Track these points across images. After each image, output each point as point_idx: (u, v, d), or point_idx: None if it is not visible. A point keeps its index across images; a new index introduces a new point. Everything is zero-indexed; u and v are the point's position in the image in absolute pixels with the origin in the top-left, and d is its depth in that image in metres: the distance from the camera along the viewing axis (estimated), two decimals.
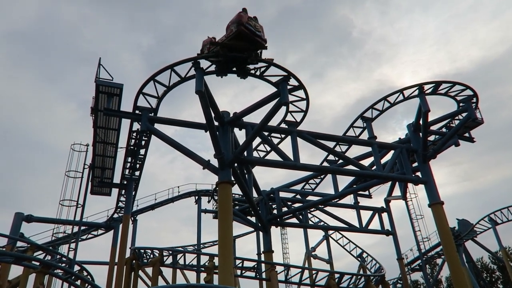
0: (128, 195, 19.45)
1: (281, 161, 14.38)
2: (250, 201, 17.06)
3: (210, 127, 12.83)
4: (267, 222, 19.68)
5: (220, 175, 13.20)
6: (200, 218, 30.09)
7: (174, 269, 21.09)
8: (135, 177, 19.17)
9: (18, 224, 20.05)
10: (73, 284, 14.73)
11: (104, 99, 14.38)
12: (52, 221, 20.97)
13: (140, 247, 20.91)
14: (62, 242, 21.53)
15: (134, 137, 16.17)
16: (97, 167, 18.24)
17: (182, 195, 29.32)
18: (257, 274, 19.95)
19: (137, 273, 20.83)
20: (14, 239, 17.76)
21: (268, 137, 16.22)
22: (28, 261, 13.85)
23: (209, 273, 17.25)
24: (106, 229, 24.01)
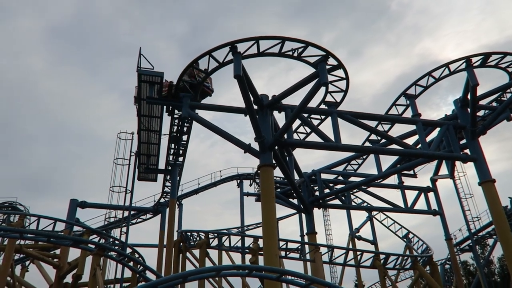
0: (173, 180, 20.08)
1: (322, 143, 14.24)
2: (291, 184, 17.09)
3: (250, 111, 12.89)
4: (309, 204, 19.67)
5: (261, 158, 13.28)
6: (242, 201, 30.64)
7: (219, 251, 21.74)
8: (179, 162, 19.73)
9: (74, 210, 21.37)
10: (126, 266, 15.58)
11: (146, 88, 14.81)
12: (103, 207, 22.19)
13: (187, 230, 21.65)
14: (114, 226, 22.72)
15: (176, 124, 16.58)
16: (142, 154, 18.94)
17: (224, 179, 29.90)
18: (301, 255, 20.12)
19: (185, 255, 21.64)
20: (71, 224, 18.91)
21: (308, 118, 16.07)
22: (84, 244, 14.77)
23: (254, 254, 17.60)
24: (154, 213, 25.04)
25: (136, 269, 16.49)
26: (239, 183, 31.28)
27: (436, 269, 21.53)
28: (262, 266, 10.70)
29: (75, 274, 16.75)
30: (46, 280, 19.37)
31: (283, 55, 13.41)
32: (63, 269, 18.70)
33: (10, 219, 19.86)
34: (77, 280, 16.99)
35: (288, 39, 12.76)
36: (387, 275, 21.70)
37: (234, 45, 12.57)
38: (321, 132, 14.52)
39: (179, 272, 19.30)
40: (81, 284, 17.87)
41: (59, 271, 18.71)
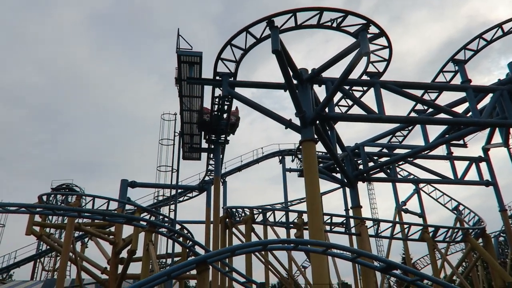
0: (216, 158, 20.47)
1: (365, 115, 13.87)
2: (334, 158, 16.90)
3: (290, 85, 12.75)
4: (353, 178, 19.43)
5: (303, 133, 13.19)
6: (285, 177, 30.78)
7: (264, 226, 22.14)
8: (221, 140, 20.02)
9: (125, 189, 22.45)
10: (176, 241, 16.27)
11: (186, 69, 15.01)
12: (152, 186, 23.13)
13: (232, 206, 22.14)
14: (163, 204, 23.74)
15: (217, 103, 16.76)
16: (186, 134, 19.40)
17: (266, 155, 30.08)
18: (346, 229, 20.06)
19: (231, 230, 22.23)
20: (123, 202, 19.91)
21: (349, 91, 15.68)
22: (137, 222, 15.54)
23: (299, 229, 17.76)
24: (199, 191, 25.80)
25: (186, 244, 17.17)
26: (281, 159, 31.38)
27: (489, 241, 20.72)
28: (308, 240, 10.79)
29: (129, 249, 17.75)
30: (104, 256, 20.69)
31: (321, 26, 13.05)
32: (119, 245, 19.86)
33: (68, 199, 21.19)
34: (131, 255, 18.00)
35: (327, 9, 12.38)
36: (437, 248, 21.19)
37: (271, 20, 12.37)
38: (364, 104, 14.13)
39: (226, 247, 19.91)
40: (136, 259, 18.93)
41: (115, 247, 19.89)
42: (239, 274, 14.34)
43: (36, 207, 14.27)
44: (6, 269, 25.68)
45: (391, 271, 9.63)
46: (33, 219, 16.69)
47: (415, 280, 9.31)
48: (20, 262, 26.10)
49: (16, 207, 13.13)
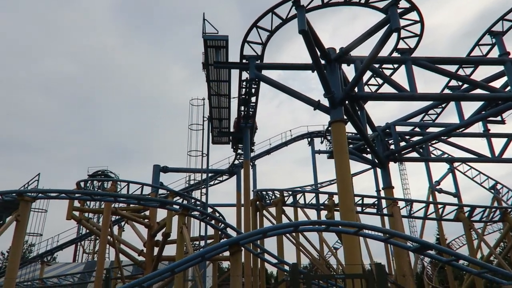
0: (245, 142, 20.56)
1: (397, 93, 13.50)
2: (365, 138, 16.63)
3: (317, 66, 12.54)
4: (384, 158, 19.09)
5: (332, 114, 13.01)
6: (314, 159, 30.64)
7: (295, 208, 22.21)
8: (249, 124, 20.07)
9: (157, 174, 23.04)
10: (209, 224, 16.61)
11: (213, 53, 15.03)
12: (183, 170, 23.60)
13: (262, 189, 22.30)
14: (194, 188, 24.19)
15: (244, 86, 16.76)
16: (214, 118, 19.56)
17: (295, 138, 29.93)
18: (378, 210, 19.84)
19: (262, 213, 22.46)
20: (156, 187, 20.46)
21: (379, 69, 15.28)
22: (170, 205, 15.95)
23: (329, 210, 17.72)
24: (229, 175, 26.11)
25: (218, 227, 17.52)
26: (310, 141, 31.19)
27: None
28: (340, 221, 10.77)
29: (164, 232, 18.30)
30: (140, 238, 21.44)
31: (349, 3, 12.71)
32: (153, 228, 20.52)
33: (104, 185, 21.99)
34: (166, 237, 18.56)
35: None
36: (473, 228, 20.65)
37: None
38: (395, 82, 13.76)
39: (258, 229, 20.18)
40: (170, 241, 19.52)
41: (150, 230, 20.56)
42: (271, 255, 14.57)
43: (75, 193, 14.89)
44: (50, 252, 27.09)
45: (425, 252, 9.50)
46: (72, 204, 17.47)
47: (450, 260, 9.16)
48: (62, 245, 27.46)
49: (56, 193, 13.76)
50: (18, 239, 13.01)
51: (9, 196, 13.93)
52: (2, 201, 14.58)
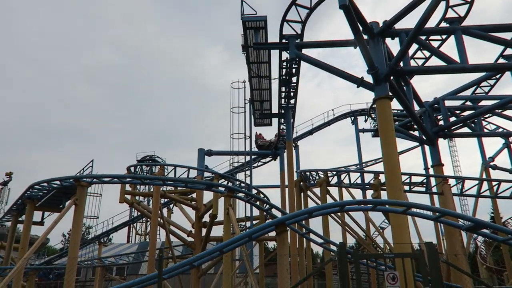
0: (287, 123, 20.48)
1: (446, 66, 12.82)
2: (411, 114, 16.00)
3: (360, 41, 12.12)
4: (433, 134, 18.31)
5: (376, 91, 12.60)
6: (358, 138, 30.05)
7: (339, 188, 21.99)
8: (291, 105, 19.94)
9: (202, 157, 23.60)
10: (254, 205, 16.87)
11: (252, 34, 14.95)
12: (227, 153, 24.00)
13: (306, 170, 22.23)
14: (239, 170, 24.58)
15: (285, 67, 16.59)
16: (256, 100, 19.60)
17: (338, 117, 29.45)
18: (427, 189, 19.21)
19: (306, 193, 22.45)
20: (201, 170, 20.98)
21: (426, 41, 14.53)
22: (215, 188, 16.33)
23: (376, 190, 17.40)
24: (272, 157, 26.22)
25: (263, 208, 17.74)
26: (353, 120, 30.57)
27: None
28: (387, 200, 10.54)
29: (211, 214, 18.83)
30: (188, 220, 22.22)
31: None
32: (200, 210, 21.15)
33: (152, 169, 22.86)
34: (213, 219, 19.10)
35: None
36: None
37: None
38: (444, 54, 13.05)
39: (302, 209, 20.22)
40: (217, 222, 20.07)
41: (198, 211, 21.22)
42: (316, 235, 14.58)
43: (126, 177, 15.60)
44: (106, 234, 28.77)
45: (479, 230, 9.12)
46: (124, 188, 18.33)
47: (507, 239, 8.75)
48: (117, 227, 29.05)
49: (109, 178, 14.49)
50: (77, 221, 13.90)
51: (67, 182, 14.83)
52: (61, 187, 15.55)
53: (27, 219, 17.53)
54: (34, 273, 18.30)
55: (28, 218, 17.48)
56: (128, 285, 9.22)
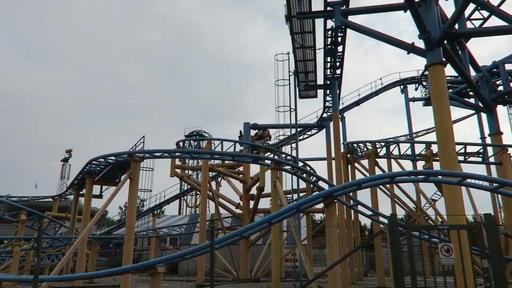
0: (333, 94, 20.03)
1: (508, 26, 11.83)
2: (467, 80, 15.06)
3: (410, 4, 11.43)
4: (491, 101, 17.20)
5: (429, 56, 11.92)
6: (408, 107, 28.87)
7: (388, 160, 21.44)
8: (337, 75, 19.42)
9: (247, 131, 23.78)
10: (300, 177, 16.87)
11: (295, 4, 14.54)
12: (272, 127, 24.00)
13: (353, 142, 21.80)
14: (284, 143, 24.58)
15: (330, 36, 16.08)
16: (300, 72, 19.26)
17: (386, 86, 28.35)
18: (483, 159, 18.23)
19: (353, 166, 22.12)
20: (247, 144, 21.21)
21: (484, 0, 13.44)
22: (262, 161, 16.49)
23: (427, 160, 16.76)
24: (318, 129, 25.92)
25: (309, 180, 17.73)
26: (403, 89, 29.34)
27: None
28: (440, 170, 10.14)
29: (258, 186, 19.13)
30: (236, 193, 22.75)
31: None
32: (248, 183, 21.54)
33: (200, 144, 23.43)
34: (260, 191, 19.42)
35: None
36: None
37: None
38: (505, 13, 12.03)
39: (351, 181, 19.98)
40: (264, 195, 20.39)
41: (245, 184, 21.64)
42: (365, 207, 14.41)
43: (176, 152, 16.13)
44: (159, 206, 30.15)
45: None
46: (174, 162, 19.01)
47: None
48: (169, 199, 30.32)
49: (160, 153, 15.06)
50: (132, 194, 14.68)
51: (121, 157, 15.60)
52: (116, 162, 16.40)
53: (87, 193, 18.78)
54: (96, 242, 19.70)
55: (88, 192, 18.72)
56: (183, 254, 9.68)
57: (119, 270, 10.80)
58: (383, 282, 17.33)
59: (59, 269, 13.30)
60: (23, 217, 21.97)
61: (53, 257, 24.11)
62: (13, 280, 10.66)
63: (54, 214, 27.38)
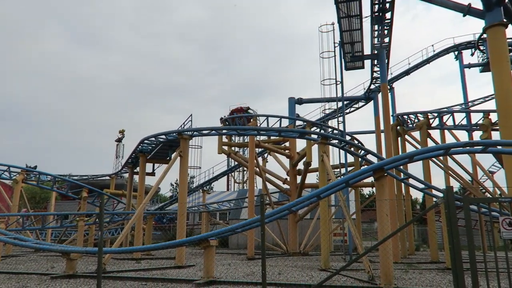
0: (381, 64, 19.22)
1: None
2: None
3: None
4: None
5: (488, 17, 11.07)
6: (463, 74, 27.22)
7: (442, 131, 20.47)
8: (385, 44, 18.56)
9: (292, 106, 23.61)
10: (348, 151, 16.58)
11: None
12: (318, 101, 23.63)
13: (403, 113, 20.98)
14: (331, 117, 24.16)
15: (377, 2, 15.32)
16: (346, 43, 18.61)
17: (439, 53, 26.77)
18: None
19: (404, 138, 21.37)
20: (293, 119, 21.10)
21: None
22: (308, 135, 16.34)
23: (485, 130, 15.81)
24: (365, 101, 25.16)
25: (358, 154, 17.37)
26: (457, 55, 27.59)
27: None
28: (501, 140, 9.53)
29: (305, 161, 19.05)
30: (283, 168, 22.84)
31: None
32: (294, 158, 21.52)
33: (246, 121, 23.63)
34: (307, 166, 19.34)
35: None
36: None
37: None
38: None
39: (402, 153, 19.36)
40: (311, 170, 20.32)
41: (291, 160, 21.64)
42: (417, 180, 13.94)
43: (223, 129, 16.38)
44: (208, 182, 31.05)
45: None
46: (221, 140, 19.35)
47: None
48: (217, 176, 31.11)
49: (208, 130, 15.35)
50: (183, 170, 15.17)
51: (171, 136, 16.10)
52: (166, 140, 16.95)
53: (141, 171, 19.67)
54: (151, 217, 20.73)
55: (142, 170, 19.60)
56: (234, 227, 9.95)
57: (175, 243, 11.34)
58: (436, 257, 16.89)
59: (120, 242, 14.17)
60: (85, 195, 23.52)
61: (112, 231, 25.77)
62: (80, 251, 11.52)
63: (111, 191, 29.10)
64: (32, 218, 22.93)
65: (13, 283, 9.42)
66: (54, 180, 23.92)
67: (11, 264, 14.26)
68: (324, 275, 10.62)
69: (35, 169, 24.23)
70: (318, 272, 11.99)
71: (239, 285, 9.15)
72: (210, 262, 9.72)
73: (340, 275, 10.59)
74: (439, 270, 13.09)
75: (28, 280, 9.98)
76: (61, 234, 23.83)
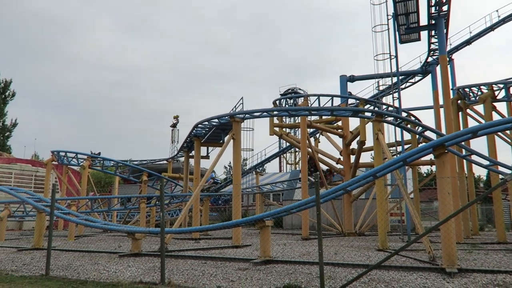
0: (440, 34, 18.04)
1: None
2: None
3: None
4: None
5: None
6: None
7: (509, 103, 19.04)
8: (443, 13, 17.37)
9: (344, 85, 23.01)
10: (404, 128, 15.95)
11: None
12: (371, 77, 22.85)
13: (464, 86, 19.72)
14: (385, 94, 23.29)
15: None
16: (400, 14, 17.69)
17: (505, 18, 24.62)
18: None
19: (466, 112, 20.14)
20: (345, 97, 20.57)
21: None
22: (362, 113, 15.88)
23: None
24: (422, 75, 23.91)
25: (415, 131, 16.68)
26: None
27: None
28: None
29: (359, 140, 18.60)
30: (336, 148, 22.48)
31: None
32: (347, 137, 21.08)
33: (296, 101, 23.41)
34: (361, 145, 18.87)
35: None
36: None
37: None
38: None
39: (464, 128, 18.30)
40: (365, 149, 19.80)
41: (345, 139, 21.23)
42: (482, 157, 13.14)
43: (274, 111, 16.36)
44: (260, 164, 31.43)
45: None
46: (273, 121, 19.36)
47: None
48: (269, 157, 31.36)
49: (259, 113, 15.41)
50: (237, 153, 15.43)
51: (223, 119, 16.37)
52: (219, 124, 17.28)
53: (196, 154, 20.30)
54: (207, 199, 21.41)
55: (197, 153, 20.22)
56: (289, 208, 10.01)
57: (232, 224, 11.66)
58: (503, 237, 15.93)
59: (179, 222, 14.83)
60: (145, 178, 24.75)
61: (172, 213, 27.00)
62: (143, 232, 12.22)
63: (169, 175, 30.35)
64: (99, 201, 24.60)
65: (86, 260, 10.24)
66: (116, 165, 25.38)
67: (83, 244, 15.48)
68: (382, 255, 10.44)
69: (99, 155, 25.81)
70: (375, 252, 11.81)
71: (296, 264, 9.26)
72: (266, 242, 9.90)
73: (399, 255, 10.36)
74: (507, 250, 12.37)
75: (99, 258, 10.80)
76: (125, 216, 25.37)
